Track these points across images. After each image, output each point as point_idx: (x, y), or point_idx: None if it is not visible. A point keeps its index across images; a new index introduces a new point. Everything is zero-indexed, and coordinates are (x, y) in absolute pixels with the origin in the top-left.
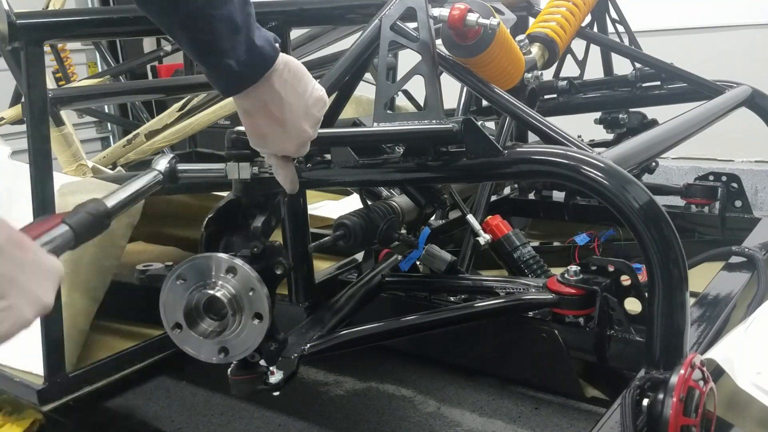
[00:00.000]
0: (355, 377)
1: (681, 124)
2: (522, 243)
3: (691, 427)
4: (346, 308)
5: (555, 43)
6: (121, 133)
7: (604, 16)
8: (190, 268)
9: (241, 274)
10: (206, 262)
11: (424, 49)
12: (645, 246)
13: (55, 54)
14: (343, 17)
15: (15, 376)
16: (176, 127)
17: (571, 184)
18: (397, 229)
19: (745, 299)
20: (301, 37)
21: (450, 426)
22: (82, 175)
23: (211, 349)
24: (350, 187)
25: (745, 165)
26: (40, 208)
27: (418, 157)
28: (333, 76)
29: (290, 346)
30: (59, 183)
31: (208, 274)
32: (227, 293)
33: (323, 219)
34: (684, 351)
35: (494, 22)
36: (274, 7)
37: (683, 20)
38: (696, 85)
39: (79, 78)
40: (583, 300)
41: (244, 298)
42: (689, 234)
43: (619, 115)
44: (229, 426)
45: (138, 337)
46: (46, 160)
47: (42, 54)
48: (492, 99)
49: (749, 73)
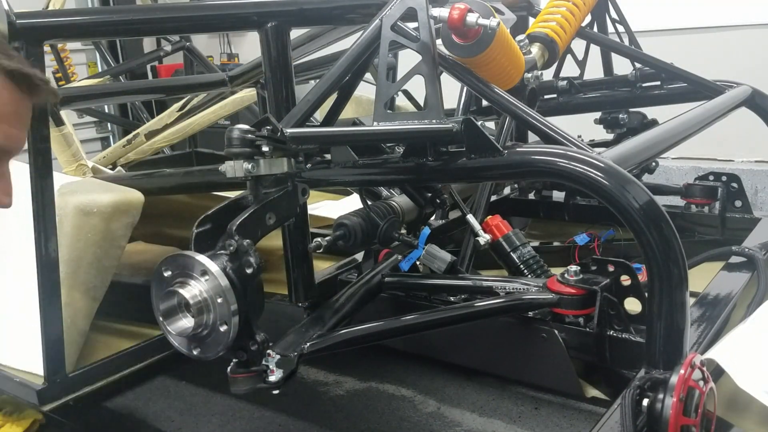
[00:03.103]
0: (355, 377)
1: (681, 124)
2: (522, 243)
3: (691, 427)
4: (345, 308)
5: (555, 43)
6: (121, 133)
7: (604, 16)
8: (172, 263)
9: (212, 281)
10: (185, 261)
11: (425, 49)
12: (645, 246)
13: (55, 54)
14: (343, 17)
15: (15, 376)
16: (176, 127)
17: (571, 184)
18: (397, 229)
19: (745, 299)
20: (301, 37)
21: (450, 426)
22: (82, 175)
23: (187, 342)
24: (350, 187)
25: (745, 165)
26: (40, 208)
27: (418, 157)
28: (333, 76)
29: (290, 345)
30: (59, 183)
31: (187, 272)
32: (198, 296)
33: (323, 219)
34: (684, 351)
35: (494, 22)
36: (274, 7)
37: (683, 20)
38: (696, 85)
39: (79, 78)
40: (583, 300)
41: (212, 304)
42: (689, 234)
43: (619, 115)
44: (229, 426)
45: (138, 337)
46: (46, 160)
47: (42, 54)
48: (492, 99)
49: (749, 73)
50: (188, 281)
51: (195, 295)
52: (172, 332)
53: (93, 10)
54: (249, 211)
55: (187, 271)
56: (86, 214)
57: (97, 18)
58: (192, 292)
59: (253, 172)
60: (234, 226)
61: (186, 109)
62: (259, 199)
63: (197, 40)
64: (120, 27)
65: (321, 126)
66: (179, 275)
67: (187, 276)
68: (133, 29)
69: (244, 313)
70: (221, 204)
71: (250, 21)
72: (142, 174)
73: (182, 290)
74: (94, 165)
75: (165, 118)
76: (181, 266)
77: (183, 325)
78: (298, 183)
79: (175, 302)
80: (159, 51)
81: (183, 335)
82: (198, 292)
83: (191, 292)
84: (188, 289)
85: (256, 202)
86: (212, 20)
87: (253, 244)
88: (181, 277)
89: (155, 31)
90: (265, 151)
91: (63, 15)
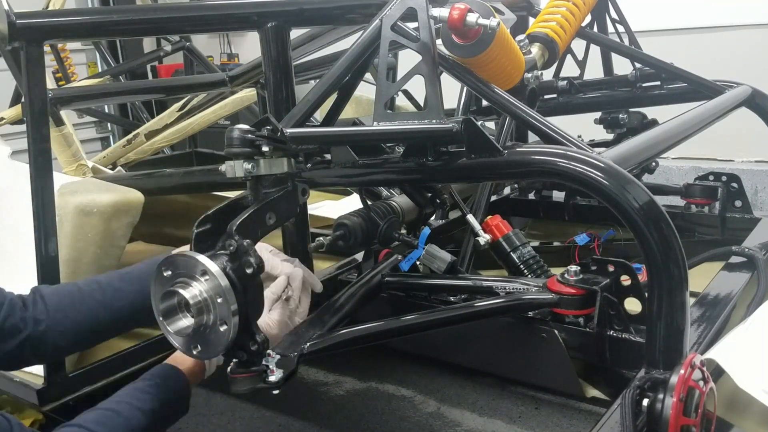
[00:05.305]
0: (355, 377)
1: (681, 124)
2: (522, 243)
3: (691, 427)
4: (345, 307)
5: (555, 43)
6: (121, 133)
7: (604, 16)
8: (172, 263)
9: (212, 281)
10: (185, 261)
11: (425, 49)
12: (645, 246)
13: (55, 54)
14: (343, 17)
15: (15, 376)
16: (176, 127)
17: (571, 184)
18: (397, 229)
19: (745, 299)
20: (301, 37)
21: (450, 426)
22: (82, 175)
23: (187, 342)
24: (350, 187)
25: (745, 165)
26: (40, 208)
27: (418, 157)
28: (333, 76)
29: (290, 345)
30: (59, 183)
31: (187, 272)
32: (198, 296)
33: (323, 219)
34: (684, 351)
35: (494, 22)
36: (274, 7)
37: (683, 20)
38: (696, 85)
39: (79, 78)
40: (583, 300)
41: (212, 304)
42: (689, 234)
43: (619, 115)
44: (229, 426)
45: (138, 337)
46: (46, 160)
47: (42, 54)
48: (492, 99)
49: (749, 73)
50: (188, 281)
51: (195, 295)
52: (172, 332)
53: (93, 10)
54: (249, 211)
55: (187, 271)
56: (86, 214)
57: (97, 18)
58: (192, 292)
59: (253, 172)
60: (234, 226)
61: (186, 109)
62: (259, 199)
63: (197, 40)
64: (120, 27)
65: (321, 126)
66: (179, 275)
67: (187, 276)
68: (133, 29)
69: (244, 313)
70: (221, 204)
71: (250, 21)
72: (142, 174)
73: (182, 290)
74: (94, 165)
75: (165, 118)
76: (181, 266)
77: (183, 325)
78: (298, 183)
79: (174, 302)
80: (159, 51)
81: (183, 335)
82: (198, 292)
83: (191, 292)
84: (188, 289)
85: (256, 202)
86: (212, 20)
87: (253, 244)
88: (181, 277)
89: (155, 31)
90: (265, 151)
91: (63, 15)
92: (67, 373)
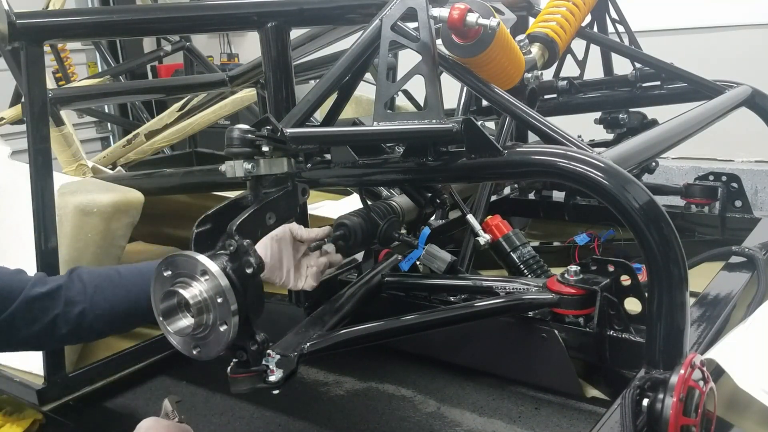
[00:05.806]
0: (355, 377)
1: (681, 124)
2: (522, 243)
3: (691, 427)
4: (345, 308)
5: (555, 43)
6: (121, 133)
7: (604, 16)
8: (172, 263)
9: (212, 281)
10: (185, 261)
11: (425, 49)
12: (645, 246)
13: (55, 54)
14: (343, 17)
15: (15, 376)
16: (176, 127)
17: (571, 184)
18: (397, 229)
19: (745, 299)
20: (301, 37)
21: (450, 426)
22: (82, 175)
23: (187, 342)
24: (350, 187)
25: (745, 165)
26: (40, 208)
27: (418, 157)
28: (333, 76)
29: (290, 345)
30: (59, 183)
31: (187, 272)
32: (198, 296)
33: (323, 219)
34: (684, 351)
35: (494, 22)
36: (274, 7)
37: (683, 20)
38: (696, 85)
39: (79, 78)
40: (583, 300)
41: (212, 304)
42: (689, 234)
43: (619, 115)
44: (229, 426)
45: (138, 337)
46: (46, 160)
47: (42, 54)
48: (492, 99)
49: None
50: (188, 281)
51: (195, 295)
52: (172, 332)
53: (93, 10)
54: (249, 211)
55: (187, 271)
56: (86, 214)
57: (97, 18)
58: (192, 292)
59: (253, 172)
60: (234, 226)
61: (186, 109)
62: (259, 199)
63: (197, 40)
64: (120, 27)
65: (321, 126)
66: (179, 275)
67: (187, 276)
68: (133, 29)
69: (244, 313)
70: (221, 204)
71: (250, 21)
72: (142, 174)
73: (182, 290)
74: (94, 165)
75: (165, 118)
76: (181, 266)
77: (183, 325)
78: (298, 183)
79: (174, 302)
80: (159, 51)
81: (183, 335)
82: (198, 292)
83: (191, 292)
84: (188, 289)
85: (256, 202)
86: (212, 20)
87: (253, 244)
88: (181, 277)
89: (155, 31)
90: (265, 151)
91: (63, 15)
92: (67, 373)
